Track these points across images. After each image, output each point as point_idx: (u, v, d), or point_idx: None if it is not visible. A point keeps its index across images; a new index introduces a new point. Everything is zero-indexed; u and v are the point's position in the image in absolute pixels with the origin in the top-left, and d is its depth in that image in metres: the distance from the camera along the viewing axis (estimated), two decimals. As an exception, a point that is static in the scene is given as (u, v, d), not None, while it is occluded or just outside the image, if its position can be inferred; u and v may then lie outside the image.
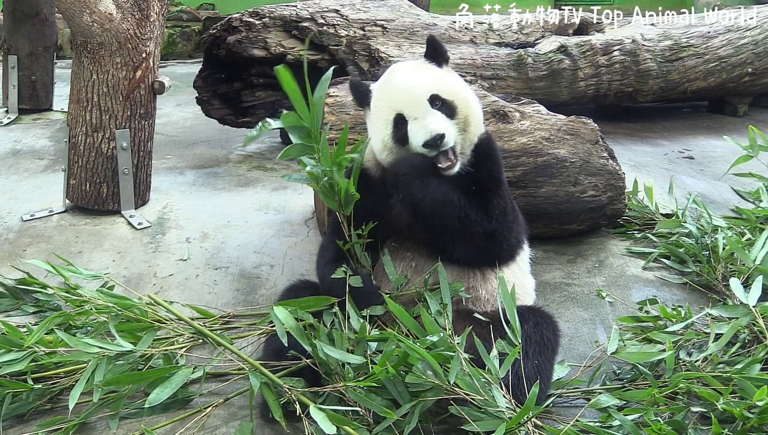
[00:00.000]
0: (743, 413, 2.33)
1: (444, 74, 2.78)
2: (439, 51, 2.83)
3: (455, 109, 2.69)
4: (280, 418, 2.39)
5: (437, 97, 2.67)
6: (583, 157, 3.95)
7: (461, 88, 2.78)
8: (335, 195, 2.58)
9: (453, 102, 2.69)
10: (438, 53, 2.83)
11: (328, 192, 2.57)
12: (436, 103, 2.67)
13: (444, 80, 2.74)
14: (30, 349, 2.55)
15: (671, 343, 2.76)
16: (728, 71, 6.81)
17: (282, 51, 5.51)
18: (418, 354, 2.29)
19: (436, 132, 2.58)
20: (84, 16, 4.12)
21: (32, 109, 7.07)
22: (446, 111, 2.67)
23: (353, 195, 2.55)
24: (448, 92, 2.70)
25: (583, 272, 3.79)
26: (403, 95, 2.68)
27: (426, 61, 2.82)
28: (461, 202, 2.62)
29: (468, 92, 2.80)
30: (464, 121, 2.71)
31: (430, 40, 2.85)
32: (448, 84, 2.74)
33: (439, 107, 2.67)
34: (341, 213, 2.64)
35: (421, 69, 2.77)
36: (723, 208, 4.53)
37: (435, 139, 2.58)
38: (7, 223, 4.31)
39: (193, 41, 11.11)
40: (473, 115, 2.75)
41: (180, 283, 3.65)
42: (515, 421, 2.21)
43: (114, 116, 4.33)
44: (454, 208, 2.60)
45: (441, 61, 2.82)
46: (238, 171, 5.41)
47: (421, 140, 2.59)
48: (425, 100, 2.65)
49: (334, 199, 2.59)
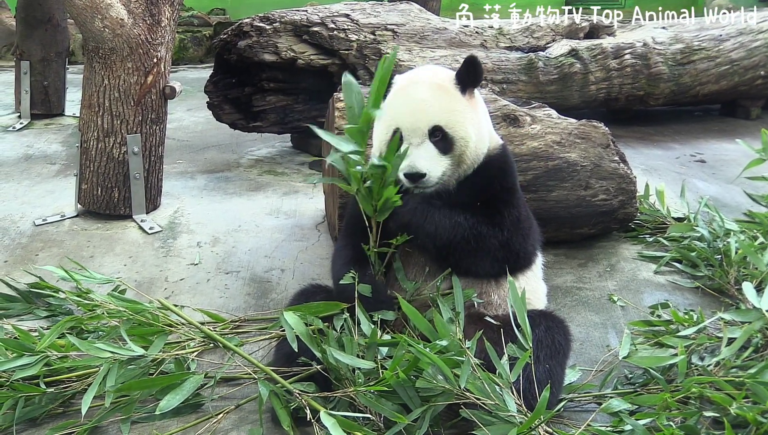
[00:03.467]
0: (756, 418, 2.32)
1: (459, 105, 2.71)
2: (470, 76, 2.74)
3: (453, 146, 2.67)
4: (288, 427, 2.39)
5: (439, 130, 2.65)
6: (594, 160, 3.94)
7: (467, 124, 2.70)
8: (372, 200, 2.56)
9: (453, 139, 2.66)
10: (468, 78, 2.74)
11: (366, 197, 2.56)
12: (436, 135, 2.65)
13: (454, 113, 2.68)
14: (42, 354, 2.55)
15: (683, 347, 2.74)
16: (740, 74, 6.79)
17: (293, 56, 5.52)
18: (429, 359, 2.29)
19: (416, 170, 2.59)
20: (96, 22, 4.14)
21: (44, 115, 7.10)
22: (442, 145, 2.66)
23: (394, 202, 2.54)
24: (452, 127, 2.66)
25: (594, 276, 3.78)
26: (406, 117, 2.66)
27: (451, 80, 2.75)
28: (470, 222, 2.63)
29: (474, 126, 2.72)
30: (459, 157, 2.69)
31: (467, 61, 2.74)
32: (456, 119, 2.68)
33: (437, 140, 2.65)
34: (374, 218, 2.62)
35: (438, 92, 2.71)
36: (735, 211, 4.51)
37: (414, 177, 2.59)
38: (19, 227, 4.33)
39: (204, 46, 11.15)
40: (470, 152, 2.70)
41: (191, 288, 3.66)
42: (526, 425, 2.20)
43: (125, 121, 4.35)
44: (465, 230, 2.61)
45: (467, 86, 2.75)
46: (249, 175, 5.42)
47: (402, 170, 2.58)
48: (425, 131, 2.64)
49: (371, 204, 2.58)
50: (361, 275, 2.62)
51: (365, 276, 2.63)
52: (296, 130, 5.96)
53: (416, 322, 2.49)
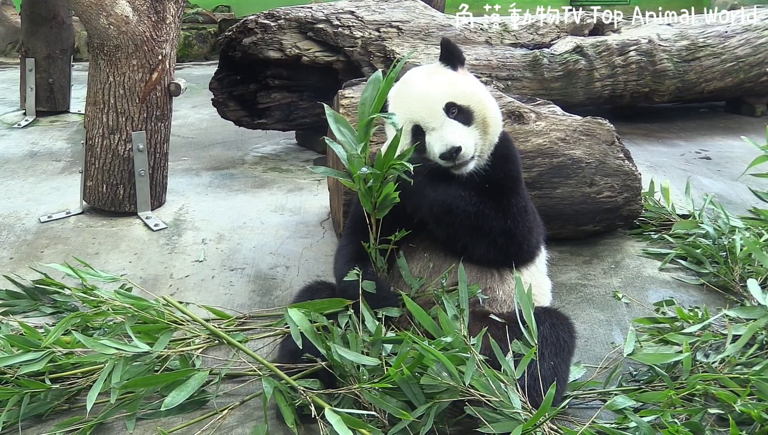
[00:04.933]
0: (761, 415, 2.32)
1: (458, 78, 2.77)
2: (453, 53, 2.81)
3: (472, 114, 2.68)
4: (292, 424, 2.39)
5: (453, 105, 2.66)
6: (599, 157, 3.94)
7: (477, 90, 2.76)
8: (371, 197, 2.58)
9: (469, 107, 2.69)
10: (453, 56, 2.81)
11: (366, 194, 2.57)
12: (453, 111, 2.66)
13: (458, 85, 2.72)
14: (48, 350, 2.56)
15: (688, 344, 2.74)
16: (746, 71, 6.76)
17: (297, 53, 5.52)
18: (433, 355, 2.29)
19: (451, 144, 2.58)
20: (101, 19, 4.14)
21: (49, 112, 7.13)
22: (463, 118, 2.67)
23: (393, 199, 2.55)
24: (464, 97, 2.69)
25: (599, 273, 3.78)
26: (418, 106, 2.67)
27: (440, 65, 2.81)
28: (475, 199, 2.62)
29: (483, 93, 2.78)
30: (482, 123, 2.70)
31: (444, 43, 2.84)
32: (463, 88, 2.72)
33: (456, 115, 2.66)
34: (373, 216, 2.63)
35: (435, 75, 2.76)
36: (740, 208, 4.51)
37: (451, 152, 2.58)
38: (24, 224, 4.34)
39: (208, 43, 11.16)
40: (491, 116, 2.73)
41: (196, 285, 3.67)
42: (531, 422, 2.20)
43: (130, 118, 4.35)
44: (469, 204, 2.60)
45: (456, 63, 2.80)
46: (254, 172, 5.43)
47: (438, 152, 2.59)
48: (441, 110, 2.65)
49: (370, 201, 2.59)
50: (364, 273, 2.61)
51: (367, 273, 2.63)
52: (301, 127, 5.96)
53: (420, 319, 2.49)
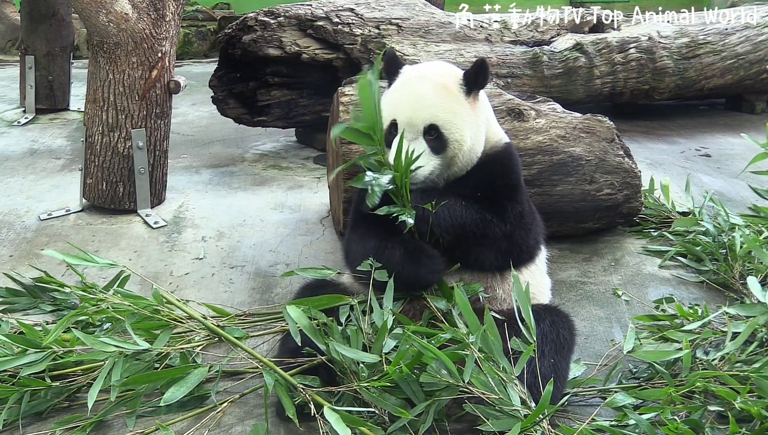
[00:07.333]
0: (761, 412, 2.32)
1: (460, 107, 2.70)
2: (479, 79, 2.73)
3: (446, 147, 2.67)
4: (294, 416, 2.38)
5: (435, 129, 2.65)
6: (599, 155, 3.94)
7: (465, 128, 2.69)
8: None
9: (447, 141, 2.66)
10: (476, 81, 2.73)
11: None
12: (431, 134, 2.65)
13: (453, 114, 2.67)
14: (49, 350, 2.55)
15: (688, 341, 2.74)
16: (746, 68, 6.76)
17: (297, 50, 5.51)
18: (432, 353, 2.29)
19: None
20: (100, 17, 4.14)
21: (49, 109, 7.13)
22: (435, 145, 2.66)
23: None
24: (449, 129, 2.66)
25: (599, 271, 3.78)
26: (405, 111, 2.67)
27: (457, 81, 2.73)
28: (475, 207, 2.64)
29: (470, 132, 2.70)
30: (450, 159, 2.69)
31: (478, 64, 2.73)
32: (454, 121, 2.67)
33: (432, 138, 2.66)
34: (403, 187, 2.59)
35: (441, 91, 2.70)
36: (740, 206, 4.51)
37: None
38: (24, 222, 4.34)
39: (208, 41, 11.15)
40: (463, 155, 2.70)
41: (196, 282, 3.67)
42: (530, 419, 2.20)
43: (130, 116, 4.35)
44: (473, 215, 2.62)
45: (473, 88, 2.73)
46: (254, 170, 5.43)
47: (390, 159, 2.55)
48: (421, 128, 2.65)
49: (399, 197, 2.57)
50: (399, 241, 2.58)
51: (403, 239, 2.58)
52: (301, 125, 5.96)
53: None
